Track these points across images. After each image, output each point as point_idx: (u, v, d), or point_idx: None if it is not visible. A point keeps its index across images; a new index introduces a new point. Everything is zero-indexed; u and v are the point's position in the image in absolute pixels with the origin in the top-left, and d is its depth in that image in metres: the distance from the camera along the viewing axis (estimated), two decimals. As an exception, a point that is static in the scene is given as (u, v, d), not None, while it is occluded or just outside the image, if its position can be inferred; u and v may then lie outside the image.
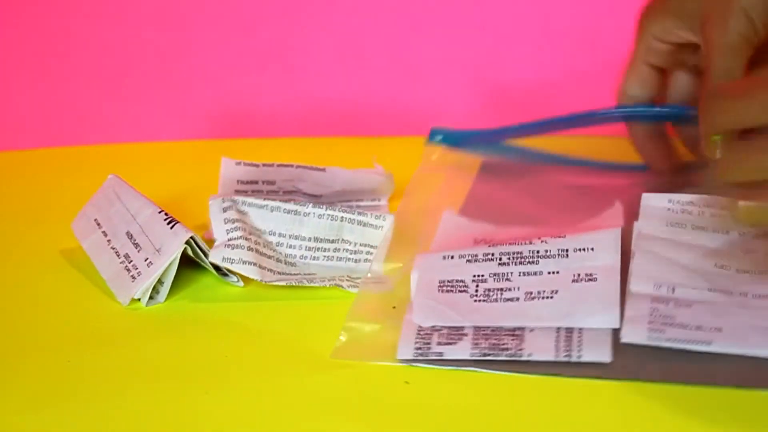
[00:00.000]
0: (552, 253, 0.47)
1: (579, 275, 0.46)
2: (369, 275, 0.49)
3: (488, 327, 0.45)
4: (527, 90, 0.68)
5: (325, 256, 0.52)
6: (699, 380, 0.41)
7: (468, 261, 0.48)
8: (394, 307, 0.47)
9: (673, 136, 0.57)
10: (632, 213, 0.50)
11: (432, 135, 0.58)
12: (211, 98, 0.68)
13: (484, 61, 0.68)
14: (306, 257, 0.52)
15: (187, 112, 0.69)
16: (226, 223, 0.50)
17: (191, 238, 0.50)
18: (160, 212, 0.51)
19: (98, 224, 0.53)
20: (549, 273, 0.47)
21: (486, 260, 0.48)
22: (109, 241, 0.52)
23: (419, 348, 0.44)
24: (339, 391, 0.42)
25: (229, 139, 0.69)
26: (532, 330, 0.44)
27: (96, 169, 0.65)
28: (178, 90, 0.68)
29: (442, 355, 0.44)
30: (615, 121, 0.57)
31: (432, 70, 0.68)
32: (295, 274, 0.51)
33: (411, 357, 0.44)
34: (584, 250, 0.47)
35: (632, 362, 0.42)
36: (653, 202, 0.49)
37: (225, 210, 0.51)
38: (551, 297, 0.45)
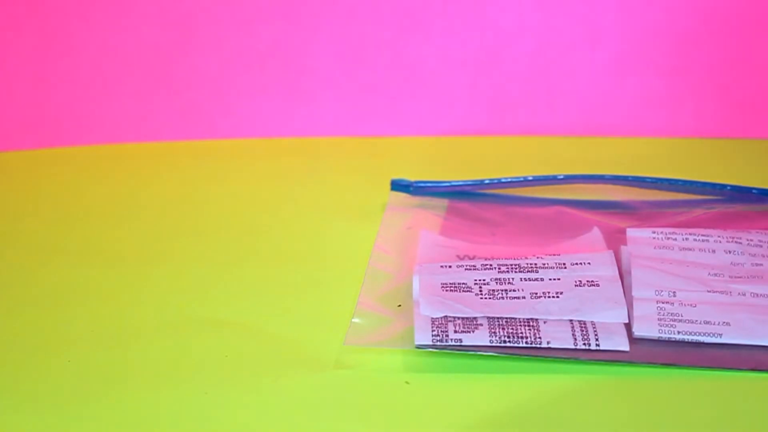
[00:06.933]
0: (550, 265, 0.48)
1: (581, 281, 0.47)
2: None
3: (502, 317, 0.45)
4: (528, 90, 0.68)
5: None
6: (718, 365, 0.43)
7: (467, 269, 0.48)
8: (399, 306, 0.47)
9: None
10: (610, 240, 0.52)
11: (394, 186, 0.59)
12: (211, 98, 0.68)
13: (484, 61, 0.68)
14: None
15: (187, 112, 0.68)
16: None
17: None
18: None
19: None
20: (550, 279, 0.47)
21: (485, 269, 0.48)
22: None
23: (437, 335, 0.44)
24: (339, 391, 0.42)
25: (229, 140, 0.68)
26: (545, 322, 0.45)
27: (96, 169, 0.65)
28: (178, 90, 0.68)
29: (461, 342, 0.44)
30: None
31: (432, 70, 0.68)
32: None
33: (429, 343, 0.44)
34: (581, 264, 0.48)
35: (650, 351, 0.44)
36: (637, 234, 0.51)
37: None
38: (557, 297, 0.46)
